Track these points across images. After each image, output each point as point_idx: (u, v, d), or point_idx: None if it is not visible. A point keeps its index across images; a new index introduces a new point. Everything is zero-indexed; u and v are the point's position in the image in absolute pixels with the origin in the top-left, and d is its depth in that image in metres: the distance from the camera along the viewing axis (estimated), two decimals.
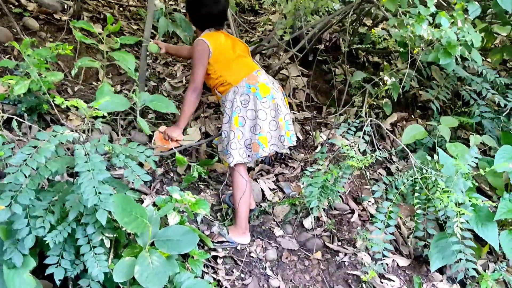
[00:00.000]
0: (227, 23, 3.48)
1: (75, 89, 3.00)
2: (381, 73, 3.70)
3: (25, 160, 1.35)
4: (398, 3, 2.13)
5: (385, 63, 3.83)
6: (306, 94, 3.57)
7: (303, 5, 2.47)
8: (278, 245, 2.36)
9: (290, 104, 3.43)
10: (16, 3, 3.50)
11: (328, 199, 2.35)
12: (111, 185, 1.59)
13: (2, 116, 1.98)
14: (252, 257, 2.26)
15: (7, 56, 2.95)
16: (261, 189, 2.67)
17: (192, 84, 2.29)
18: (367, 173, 2.22)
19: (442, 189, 1.85)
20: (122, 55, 1.92)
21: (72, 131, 1.57)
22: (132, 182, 1.59)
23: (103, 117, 1.58)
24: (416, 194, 1.98)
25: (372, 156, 2.02)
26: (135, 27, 4.03)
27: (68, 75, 3.03)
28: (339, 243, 2.46)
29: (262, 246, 2.32)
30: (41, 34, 3.30)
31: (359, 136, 2.35)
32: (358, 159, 1.96)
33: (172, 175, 2.57)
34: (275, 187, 2.76)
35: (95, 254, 1.58)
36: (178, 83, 3.47)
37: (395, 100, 2.89)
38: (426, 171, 2.10)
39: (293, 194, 2.72)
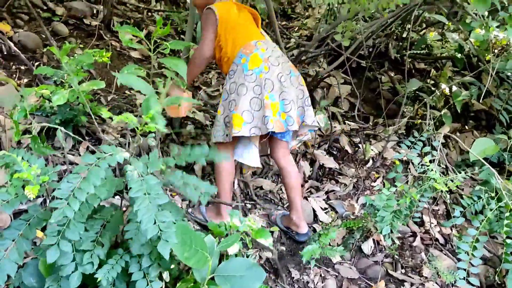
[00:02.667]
0: (270, 29, 3.27)
1: (108, 98, 2.81)
2: (429, 81, 3.45)
3: (72, 191, 1.13)
4: (488, 5, 1.90)
5: (433, 70, 3.58)
6: (351, 103, 3.33)
7: (362, 6, 2.23)
8: (337, 274, 2.11)
9: (333, 114, 3.19)
10: (45, 7, 3.34)
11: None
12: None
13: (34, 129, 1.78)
14: None
15: (37, 64, 2.78)
16: (313, 208, 2.42)
17: (197, 49, 2.09)
18: (448, 196, 1.97)
19: None
20: (173, 61, 1.72)
21: (118, 146, 1.35)
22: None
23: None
24: (506, 222, 1.72)
25: (456, 177, 1.77)
26: None
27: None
28: (403, 271, 2.20)
29: (320, 275, 2.07)
30: (71, 39, 3.12)
31: (427, 152, 2.10)
32: (443, 181, 1.71)
33: None
34: (327, 206, 2.51)
35: None
36: (215, 92, 3.26)
37: (459, 111, 2.63)
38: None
39: (347, 214, 2.47)
